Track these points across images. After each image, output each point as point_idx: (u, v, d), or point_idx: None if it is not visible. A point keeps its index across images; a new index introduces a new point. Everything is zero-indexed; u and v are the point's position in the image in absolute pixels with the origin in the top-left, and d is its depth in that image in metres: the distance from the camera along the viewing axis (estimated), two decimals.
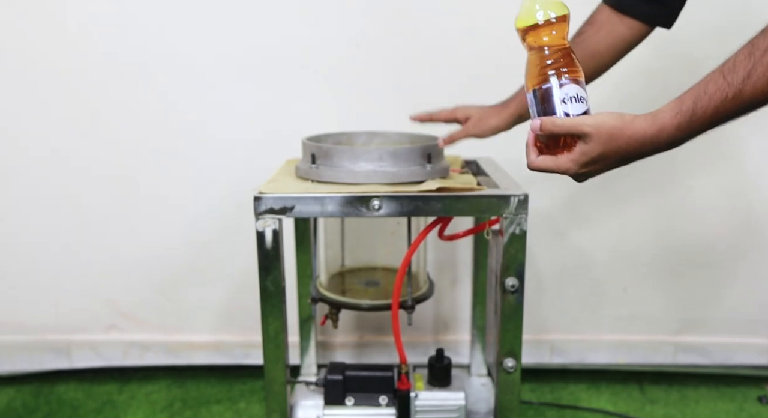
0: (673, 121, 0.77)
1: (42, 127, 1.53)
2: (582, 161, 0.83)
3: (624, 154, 0.81)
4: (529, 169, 0.87)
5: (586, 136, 0.80)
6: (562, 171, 0.85)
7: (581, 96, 0.84)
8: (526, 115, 1.19)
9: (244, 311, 1.63)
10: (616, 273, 1.62)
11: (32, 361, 1.66)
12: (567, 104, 0.83)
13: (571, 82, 0.83)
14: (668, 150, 0.80)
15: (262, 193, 1.03)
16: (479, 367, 1.53)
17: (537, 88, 0.84)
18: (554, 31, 0.84)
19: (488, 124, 1.19)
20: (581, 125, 0.80)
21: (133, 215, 1.59)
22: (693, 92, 0.77)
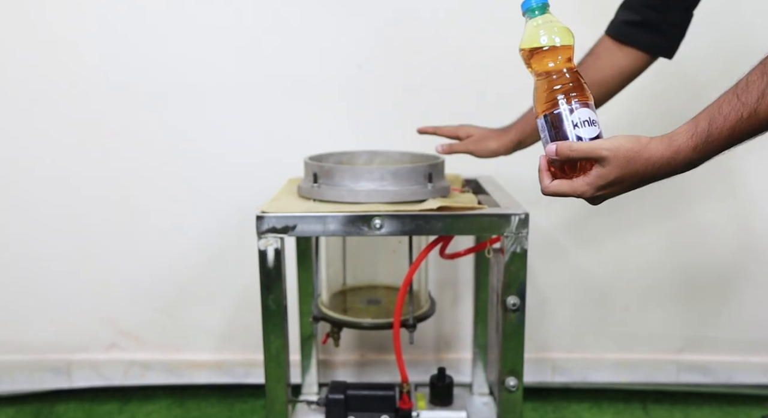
0: (689, 142, 0.78)
1: (43, 148, 1.54)
2: (598, 185, 0.83)
3: (641, 176, 0.81)
4: (543, 194, 0.87)
5: (603, 159, 0.81)
6: (578, 194, 0.85)
7: (593, 119, 0.84)
8: (526, 142, 1.22)
9: (245, 330, 1.63)
10: (618, 291, 1.62)
11: (32, 381, 1.65)
12: (579, 128, 0.83)
13: (582, 106, 0.84)
14: (684, 172, 0.81)
15: (264, 212, 1.04)
16: (481, 386, 1.53)
17: (548, 113, 0.85)
18: (560, 56, 0.84)
19: (487, 146, 1.22)
20: (599, 149, 0.81)
21: (134, 234, 1.59)
22: (707, 113, 0.77)
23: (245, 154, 1.55)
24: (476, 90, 1.52)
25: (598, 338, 1.65)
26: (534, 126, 0.96)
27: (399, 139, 1.47)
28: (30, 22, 1.49)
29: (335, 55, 1.52)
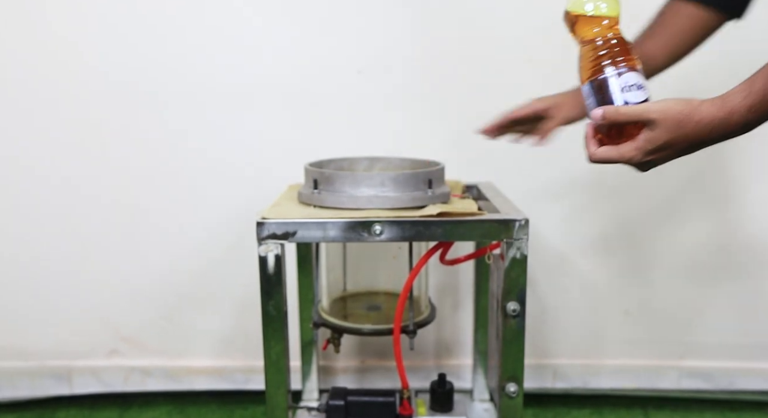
0: (744, 102, 0.76)
1: (42, 150, 1.54)
2: (647, 149, 0.80)
3: (692, 140, 0.79)
4: (590, 161, 0.85)
5: (652, 122, 0.78)
6: (626, 160, 0.82)
7: (640, 84, 0.82)
8: None
9: (245, 336, 1.63)
10: (619, 297, 1.62)
11: (33, 387, 1.65)
12: (627, 92, 0.81)
13: (629, 70, 0.82)
14: (743, 134, 0.78)
15: (264, 218, 1.04)
16: (481, 392, 1.52)
17: (593, 79, 0.83)
18: (605, 21, 0.83)
19: (572, 103, 1.12)
20: (647, 112, 0.78)
21: (135, 240, 1.59)
22: (764, 72, 0.75)
23: (245, 159, 1.56)
24: (482, 93, 1.52)
25: (598, 343, 1.65)
26: None
27: (399, 145, 1.48)
28: (29, 23, 1.49)
29: (335, 60, 1.53)
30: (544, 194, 1.57)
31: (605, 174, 1.55)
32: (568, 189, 1.58)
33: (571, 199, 1.58)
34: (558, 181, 1.57)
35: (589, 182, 1.57)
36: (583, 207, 1.58)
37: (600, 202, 1.58)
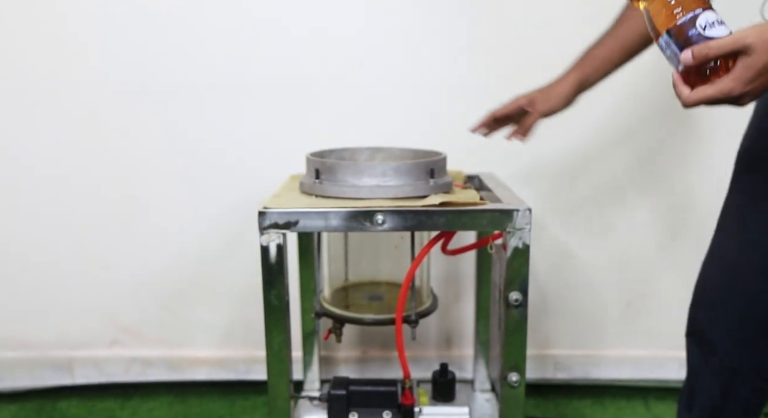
0: None
1: (43, 147, 1.54)
2: (747, 77, 0.76)
3: None
4: (685, 106, 0.81)
5: (748, 48, 0.75)
6: (725, 94, 0.78)
7: (721, 20, 0.80)
8: (589, 79, 1.15)
9: (247, 327, 1.63)
10: (620, 288, 1.62)
11: (34, 377, 1.65)
12: (709, 29, 0.79)
13: (704, 9, 0.80)
14: None
15: (266, 208, 1.04)
16: (483, 382, 1.53)
17: (670, 27, 0.81)
18: None
19: (554, 95, 1.14)
20: (741, 39, 0.75)
21: (136, 231, 1.59)
22: None
23: (246, 150, 1.55)
24: (484, 83, 1.51)
25: (599, 334, 1.65)
26: (595, 64, 1.01)
27: (401, 136, 1.47)
28: (29, 17, 1.48)
29: (337, 50, 1.52)
30: (544, 185, 1.57)
31: (607, 165, 1.55)
32: (568, 180, 1.57)
33: (571, 190, 1.58)
34: (558, 171, 1.57)
35: (591, 173, 1.57)
36: (585, 198, 1.58)
37: (604, 191, 1.58)
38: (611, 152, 1.55)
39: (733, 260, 1.05)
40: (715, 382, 1.09)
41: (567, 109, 1.18)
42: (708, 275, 1.10)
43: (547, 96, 1.15)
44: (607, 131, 1.54)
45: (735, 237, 1.05)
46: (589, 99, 1.53)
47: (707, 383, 1.10)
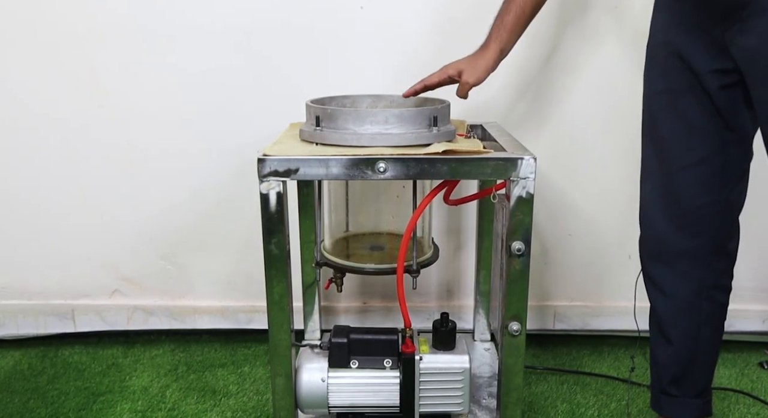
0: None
1: (42, 92, 1.51)
2: None
3: None
4: None
5: None
6: None
7: None
8: (506, 48, 1.19)
9: (247, 277, 1.63)
10: (622, 240, 1.61)
11: (37, 325, 1.67)
12: None
13: None
14: None
15: (266, 155, 1.02)
16: (483, 332, 1.54)
17: None
18: None
19: (480, 67, 1.17)
20: None
21: (136, 180, 1.57)
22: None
23: (246, 98, 1.52)
24: (479, 29, 1.47)
25: (600, 286, 1.65)
26: (508, 32, 1.13)
27: (403, 85, 1.44)
28: None
29: None
30: (546, 134, 1.54)
31: (614, 116, 1.52)
32: (571, 130, 1.54)
33: (573, 141, 1.55)
34: (561, 122, 1.54)
35: (596, 124, 1.54)
36: (587, 149, 1.56)
37: (607, 143, 1.55)
38: (615, 102, 1.51)
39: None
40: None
41: None
42: None
43: (474, 67, 1.17)
44: (612, 81, 1.50)
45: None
46: (594, 49, 1.50)
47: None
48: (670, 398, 1.19)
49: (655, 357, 1.20)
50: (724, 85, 1.00)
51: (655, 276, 1.16)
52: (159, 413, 1.39)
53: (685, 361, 1.16)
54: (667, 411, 1.20)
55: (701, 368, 1.18)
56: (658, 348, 1.19)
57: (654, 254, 1.15)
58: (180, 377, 1.53)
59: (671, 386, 1.18)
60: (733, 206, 1.11)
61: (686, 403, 1.18)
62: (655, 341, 1.20)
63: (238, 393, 1.47)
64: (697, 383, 1.18)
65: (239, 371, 1.56)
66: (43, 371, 1.56)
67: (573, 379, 1.53)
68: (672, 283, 1.14)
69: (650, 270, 1.17)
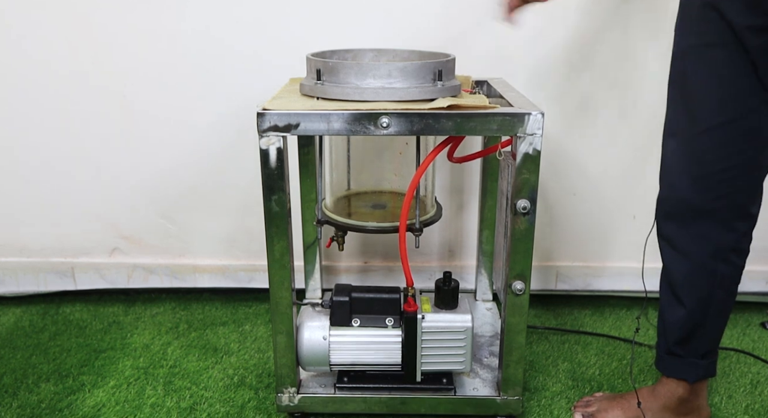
0: None
1: (36, 45, 1.46)
2: None
3: None
4: None
5: None
6: None
7: None
8: None
9: (248, 235, 1.62)
10: (626, 200, 1.59)
11: (37, 282, 1.66)
12: None
13: None
14: None
15: (265, 109, 0.99)
16: (485, 292, 1.54)
17: None
18: None
19: None
20: None
21: (133, 136, 1.54)
22: None
23: (245, 52, 1.47)
24: None
25: (604, 246, 1.64)
26: None
27: (406, 40, 1.40)
28: None
29: None
30: (552, 92, 1.51)
31: (619, 74, 1.48)
32: (577, 87, 1.51)
33: (580, 97, 1.51)
34: (568, 79, 1.50)
35: (601, 82, 1.50)
36: (594, 107, 1.52)
37: (612, 103, 1.52)
38: (622, 61, 1.47)
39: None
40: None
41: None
42: None
43: None
44: (618, 40, 1.45)
45: None
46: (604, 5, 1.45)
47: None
48: (675, 358, 1.18)
49: (664, 318, 1.17)
50: (763, 43, 0.93)
51: (672, 237, 1.11)
52: (161, 370, 1.40)
53: (695, 323, 1.14)
54: (672, 371, 1.19)
55: (711, 330, 1.16)
56: (669, 309, 1.16)
57: (672, 215, 1.10)
58: (181, 335, 1.54)
59: (677, 347, 1.17)
60: (762, 169, 1.06)
61: (691, 363, 1.17)
62: (667, 302, 1.17)
63: (240, 351, 1.47)
64: (704, 344, 1.16)
65: (240, 330, 1.56)
66: (44, 327, 1.57)
67: (574, 338, 1.53)
68: (689, 244, 1.10)
69: (667, 230, 1.12)
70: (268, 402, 1.28)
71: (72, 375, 1.37)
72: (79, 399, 1.29)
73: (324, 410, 1.20)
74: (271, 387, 1.33)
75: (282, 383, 1.17)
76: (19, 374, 1.38)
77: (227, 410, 1.26)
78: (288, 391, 1.17)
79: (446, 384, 1.19)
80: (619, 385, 1.35)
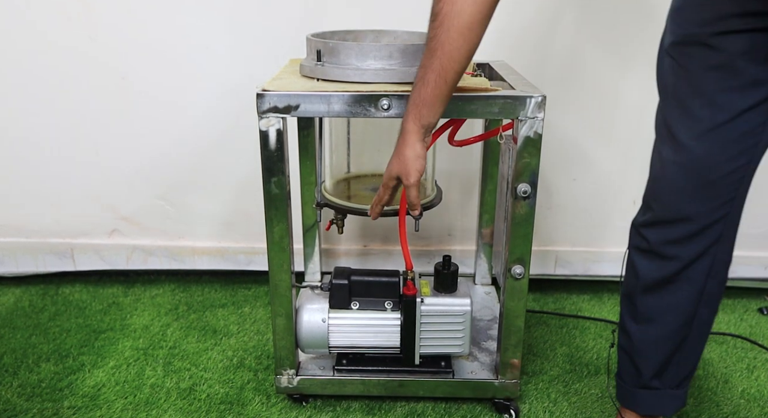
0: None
1: (32, 22, 1.45)
2: None
3: None
4: None
5: None
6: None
7: None
8: (432, 124, 0.96)
9: (247, 218, 1.61)
10: (626, 185, 1.59)
11: (36, 263, 1.66)
12: None
13: None
14: None
15: (265, 90, 0.98)
16: (484, 276, 1.54)
17: None
18: None
19: (410, 159, 0.98)
20: None
21: (131, 117, 1.53)
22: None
23: (245, 32, 1.46)
24: None
25: (603, 231, 1.63)
26: (429, 103, 0.91)
27: (406, 20, 1.38)
28: None
29: None
30: (553, 76, 1.49)
31: (620, 60, 1.47)
32: (579, 72, 1.49)
33: (582, 84, 1.50)
34: (570, 64, 1.49)
35: (603, 66, 1.49)
36: (595, 92, 1.51)
37: (613, 88, 1.50)
38: (625, 46, 1.46)
39: None
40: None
41: None
42: None
43: (404, 165, 0.97)
44: (624, 24, 1.44)
45: None
46: None
47: None
48: (650, 391, 1.05)
49: (633, 343, 1.03)
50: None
51: (659, 245, 0.97)
52: (160, 350, 1.40)
53: (674, 347, 1.01)
54: (646, 408, 1.06)
55: (689, 354, 1.03)
56: (638, 332, 1.02)
57: (661, 224, 0.97)
58: (180, 317, 1.54)
59: (654, 379, 1.04)
60: (756, 166, 0.94)
61: (667, 395, 1.04)
62: (635, 322, 1.03)
63: (239, 333, 1.48)
64: (681, 371, 1.04)
65: (239, 312, 1.57)
66: (44, 308, 1.57)
67: (572, 323, 1.54)
68: (680, 255, 0.96)
69: (652, 236, 0.98)
70: (267, 384, 1.29)
71: (72, 355, 1.38)
72: (79, 379, 1.30)
73: (323, 391, 1.21)
74: (270, 369, 1.33)
75: (281, 365, 1.17)
76: (19, 353, 1.38)
77: (226, 391, 1.27)
78: (287, 373, 1.18)
79: (444, 367, 1.20)
80: (615, 369, 1.36)
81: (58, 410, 1.21)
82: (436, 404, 1.23)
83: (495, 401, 1.21)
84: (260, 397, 1.25)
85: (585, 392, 1.28)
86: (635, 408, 1.09)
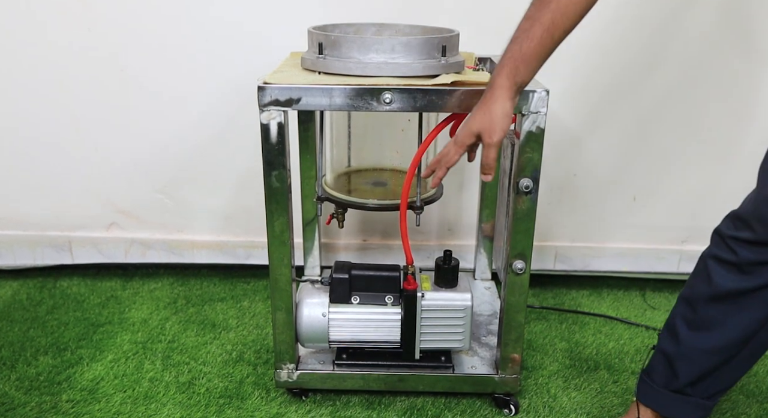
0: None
1: (30, 14, 1.44)
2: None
3: None
4: None
5: None
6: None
7: None
8: (525, 83, 0.94)
9: (246, 212, 1.61)
10: (627, 181, 1.58)
11: (34, 256, 1.65)
12: None
13: None
14: None
15: (266, 83, 0.98)
16: (484, 271, 1.54)
17: None
18: None
19: (497, 117, 0.92)
20: None
21: (130, 110, 1.52)
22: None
23: (246, 25, 1.45)
24: None
25: (602, 227, 1.63)
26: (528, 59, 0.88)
27: (408, 13, 1.37)
28: None
29: None
30: (554, 70, 1.49)
31: (623, 55, 1.46)
32: (582, 67, 1.49)
33: (585, 79, 1.50)
34: (573, 58, 1.48)
35: (608, 61, 1.48)
36: (598, 89, 1.50)
37: (617, 85, 1.50)
38: (630, 44, 1.45)
39: None
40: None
41: None
42: None
43: (489, 122, 0.91)
44: (630, 22, 1.43)
45: None
46: None
47: None
48: (680, 396, 1.03)
49: (680, 348, 1.01)
50: None
51: (749, 263, 0.94)
52: (159, 344, 1.40)
53: (722, 360, 0.98)
54: (671, 411, 1.05)
55: (734, 370, 1.00)
56: (691, 339, 1.00)
57: (759, 244, 0.93)
58: (179, 310, 1.53)
59: (690, 386, 1.02)
60: None
61: (695, 403, 1.03)
62: (689, 328, 1.00)
63: (238, 327, 1.47)
64: (719, 384, 1.01)
65: (239, 306, 1.56)
66: (42, 301, 1.56)
67: (572, 318, 1.54)
68: (766, 275, 0.93)
69: (744, 253, 0.94)
70: (266, 378, 1.29)
71: (70, 349, 1.37)
72: (78, 372, 1.30)
73: (322, 386, 1.21)
74: (270, 363, 1.33)
75: (281, 359, 1.17)
76: (17, 346, 1.38)
77: (226, 385, 1.27)
78: (287, 367, 1.18)
79: (445, 362, 1.20)
80: (615, 364, 1.36)
81: (57, 403, 1.21)
82: (436, 398, 1.23)
83: (495, 396, 1.21)
84: (260, 391, 1.25)
85: (584, 388, 1.28)
86: (658, 409, 1.07)
